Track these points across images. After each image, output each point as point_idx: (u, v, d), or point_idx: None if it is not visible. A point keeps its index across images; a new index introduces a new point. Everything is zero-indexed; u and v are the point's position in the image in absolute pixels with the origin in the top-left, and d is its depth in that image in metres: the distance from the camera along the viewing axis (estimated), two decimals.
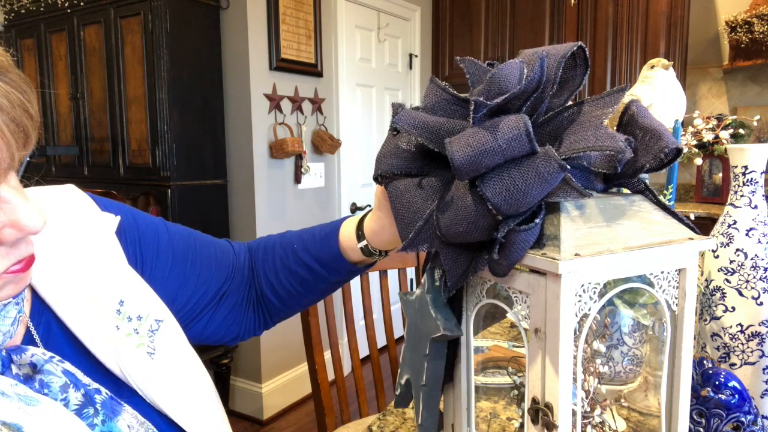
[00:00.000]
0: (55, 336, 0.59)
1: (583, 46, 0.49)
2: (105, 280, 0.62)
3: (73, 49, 2.77)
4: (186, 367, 0.65)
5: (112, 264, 0.64)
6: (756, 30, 2.89)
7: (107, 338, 0.59)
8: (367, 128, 3.44)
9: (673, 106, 0.99)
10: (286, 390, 2.86)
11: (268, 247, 0.83)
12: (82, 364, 0.58)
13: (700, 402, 0.70)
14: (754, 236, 0.78)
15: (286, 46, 2.72)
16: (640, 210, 0.52)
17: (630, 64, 3.23)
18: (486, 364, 0.99)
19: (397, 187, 0.57)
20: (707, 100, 3.40)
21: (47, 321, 0.59)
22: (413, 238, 0.53)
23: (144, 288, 0.66)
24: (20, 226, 0.47)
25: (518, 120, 0.45)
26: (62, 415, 0.51)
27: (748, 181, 0.79)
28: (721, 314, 0.79)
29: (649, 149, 0.50)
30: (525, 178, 0.45)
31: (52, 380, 0.54)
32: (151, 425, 0.60)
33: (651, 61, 1.03)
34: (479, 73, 0.54)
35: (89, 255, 0.63)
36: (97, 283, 0.61)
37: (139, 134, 2.54)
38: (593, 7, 3.29)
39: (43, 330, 0.59)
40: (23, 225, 0.47)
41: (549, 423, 0.48)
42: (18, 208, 0.47)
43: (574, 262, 0.45)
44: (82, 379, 0.56)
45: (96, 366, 0.59)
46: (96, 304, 0.60)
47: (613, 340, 0.82)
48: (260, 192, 2.69)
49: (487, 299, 0.56)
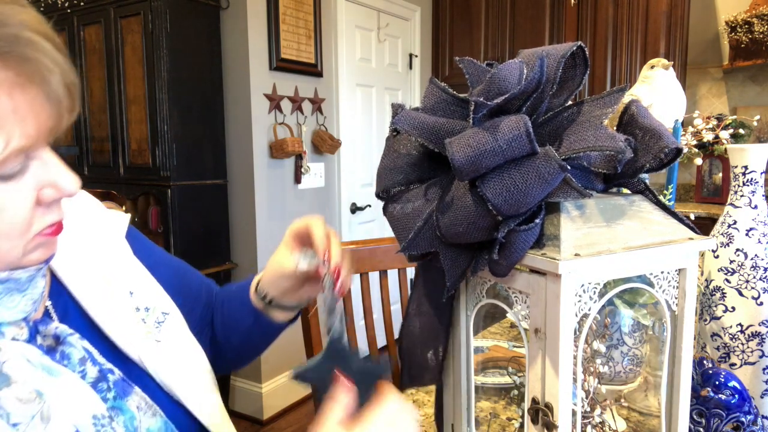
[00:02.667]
0: (71, 317, 0.62)
1: (582, 46, 0.49)
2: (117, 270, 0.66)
3: (73, 49, 2.77)
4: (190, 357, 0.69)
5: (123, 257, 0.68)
6: (756, 30, 2.89)
7: (122, 323, 0.63)
8: (367, 128, 3.44)
9: (673, 106, 0.99)
10: (286, 390, 2.86)
11: (225, 293, 0.88)
12: (97, 344, 0.61)
13: (700, 402, 0.70)
14: (754, 236, 0.78)
15: (286, 46, 2.72)
16: (640, 210, 0.52)
17: (630, 64, 3.23)
18: (486, 364, 0.99)
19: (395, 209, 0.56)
20: (707, 100, 3.40)
21: (65, 302, 0.62)
22: (413, 238, 0.53)
23: (151, 281, 0.70)
24: (59, 186, 0.51)
25: (518, 120, 0.45)
26: (79, 386, 0.54)
27: (748, 181, 0.79)
28: (721, 314, 0.79)
29: (649, 149, 0.50)
30: (525, 179, 0.45)
31: (72, 352, 0.57)
32: (158, 408, 0.62)
33: (651, 61, 1.03)
34: (479, 73, 0.54)
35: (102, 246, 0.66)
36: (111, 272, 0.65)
37: (139, 134, 2.54)
38: (593, 7, 3.29)
39: (61, 311, 0.61)
40: (62, 186, 0.51)
41: (549, 423, 0.48)
42: (58, 170, 0.51)
43: (574, 262, 0.45)
44: (98, 358, 0.59)
45: (109, 348, 0.62)
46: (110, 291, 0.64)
47: (613, 340, 0.82)
48: (260, 192, 2.69)
49: (487, 299, 0.56)
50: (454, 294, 0.58)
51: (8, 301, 0.53)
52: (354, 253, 1.45)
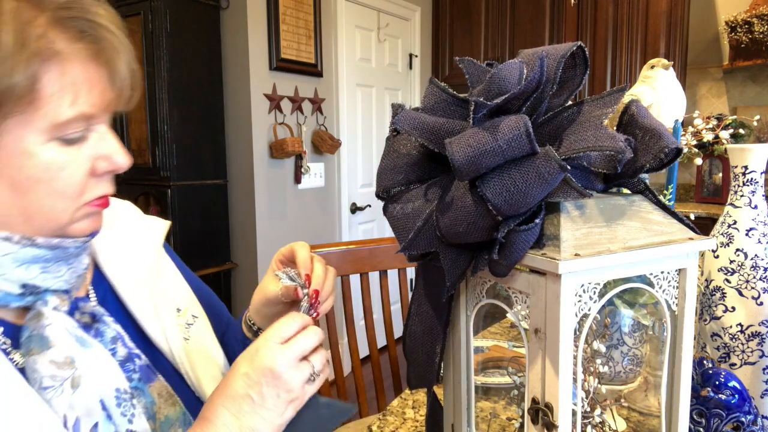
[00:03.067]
0: (109, 304, 0.67)
1: (582, 46, 0.49)
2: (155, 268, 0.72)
3: None
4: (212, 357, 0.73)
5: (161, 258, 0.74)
6: (756, 30, 2.89)
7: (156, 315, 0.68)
8: (367, 128, 3.44)
9: (673, 106, 0.99)
10: None
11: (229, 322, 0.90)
12: (129, 331, 0.66)
13: (700, 402, 0.70)
14: (754, 236, 0.78)
15: (286, 46, 2.72)
16: (640, 210, 0.52)
17: (630, 64, 3.23)
18: (486, 364, 0.99)
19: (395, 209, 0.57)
20: (707, 100, 3.40)
21: (104, 291, 0.68)
22: (413, 238, 0.53)
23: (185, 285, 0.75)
24: (113, 160, 0.57)
25: (518, 120, 0.45)
26: (109, 361, 0.59)
27: (748, 181, 0.79)
28: (721, 314, 0.79)
29: (649, 149, 0.50)
30: (525, 179, 0.45)
31: (106, 331, 0.63)
32: (179, 399, 0.66)
33: (651, 61, 1.02)
34: (479, 73, 0.54)
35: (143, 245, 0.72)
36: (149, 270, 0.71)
37: (139, 134, 2.54)
38: (593, 7, 3.29)
39: (101, 297, 0.67)
40: (115, 160, 0.57)
41: (549, 423, 0.48)
42: (114, 146, 0.58)
43: (574, 262, 0.45)
44: (128, 342, 0.64)
45: (140, 337, 0.67)
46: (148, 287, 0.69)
47: (613, 340, 0.82)
48: (260, 192, 2.69)
49: (487, 299, 0.56)
50: (453, 294, 0.58)
51: (55, 269, 0.58)
52: (354, 254, 1.45)
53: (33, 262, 0.56)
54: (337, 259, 1.43)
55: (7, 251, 0.54)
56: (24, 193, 0.53)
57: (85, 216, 0.58)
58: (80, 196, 0.56)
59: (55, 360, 0.54)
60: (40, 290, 0.57)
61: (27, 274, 0.55)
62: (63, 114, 0.52)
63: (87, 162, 0.56)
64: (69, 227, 0.57)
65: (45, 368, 0.53)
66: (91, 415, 0.55)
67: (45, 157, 0.53)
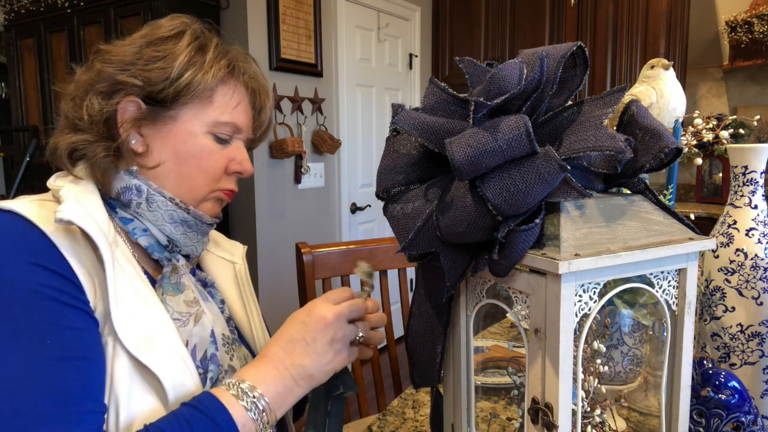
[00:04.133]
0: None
1: (582, 46, 0.49)
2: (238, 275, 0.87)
3: (73, 49, 2.77)
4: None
5: (240, 270, 0.89)
6: (756, 30, 2.89)
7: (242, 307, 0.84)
8: (367, 128, 3.43)
9: (673, 106, 0.99)
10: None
11: None
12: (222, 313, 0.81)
13: (700, 402, 0.70)
14: (754, 236, 0.78)
15: (286, 46, 2.72)
16: (640, 210, 0.52)
17: (630, 64, 3.23)
18: (486, 364, 0.99)
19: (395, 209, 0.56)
20: (707, 100, 3.40)
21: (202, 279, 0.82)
22: (413, 238, 0.53)
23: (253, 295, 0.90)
24: (242, 165, 0.77)
25: (518, 120, 0.45)
26: (218, 313, 0.77)
27: (748, 181, 0.79)
28: (721, 314, 0.79)
29: (649, 149, 0.50)
30: (525, 179, 0.45)
31: (216, 294, 0.80)
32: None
33: (651, 61, 1.02)
34: (479, 73, 0.54)
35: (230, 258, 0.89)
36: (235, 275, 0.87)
37: None
38: (593, 7, 3.29)
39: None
40: (245, 167, 0.78)
41: (549, 423, 0.48)
42: (245, 157, 0.78)
43: (574, 262, 0.45)
44: (227, 310, 0.80)
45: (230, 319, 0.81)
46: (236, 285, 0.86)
47: (613, 340, 0.82)
48: (260, 192, 2.69)
49: (487, 299, 0.56)
50: (453, 294, 0.58)
51: (193, 236, 0.76)
52: (354, 254, 1.45)
53: (181, 224, 0.74)
54: (337, 259, 1.43)
55: (169, 208, 0.72)
56: (182, 163, 0.72)
57: (214, 198, 0.77)
58: (216, 181, 0.75)
59: (187, 300, 0.71)
60: (177, 249, 0.74)
61: (174, 231, 0.73)
62: (222, 117, 0.74)
63: (225, 159, 0.75)
64: (201, 203, 0.75)
65: (178, 307, 0.69)
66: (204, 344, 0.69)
67: (202, 141, 0.73)
